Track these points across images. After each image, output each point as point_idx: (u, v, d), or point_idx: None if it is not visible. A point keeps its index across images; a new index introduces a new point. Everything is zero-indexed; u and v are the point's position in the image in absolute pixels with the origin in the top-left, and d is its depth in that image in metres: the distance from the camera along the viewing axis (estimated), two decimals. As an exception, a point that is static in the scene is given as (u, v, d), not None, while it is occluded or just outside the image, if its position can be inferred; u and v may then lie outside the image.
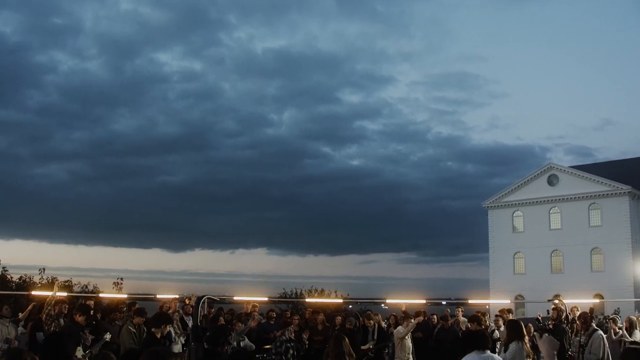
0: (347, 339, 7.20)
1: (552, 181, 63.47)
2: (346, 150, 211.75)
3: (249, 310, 15.36)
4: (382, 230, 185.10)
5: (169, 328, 8.32)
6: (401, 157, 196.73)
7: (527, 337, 10.05)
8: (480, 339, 6.67)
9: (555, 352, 3.51)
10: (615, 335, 13.21)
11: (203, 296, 8.93)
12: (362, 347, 13.10)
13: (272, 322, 14.71)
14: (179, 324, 12.44)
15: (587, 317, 10.76)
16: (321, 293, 37.42)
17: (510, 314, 14.01)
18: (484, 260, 69.70)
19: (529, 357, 9.78)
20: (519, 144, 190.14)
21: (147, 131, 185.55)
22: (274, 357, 10.83)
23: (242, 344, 11.74)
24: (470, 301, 17.27)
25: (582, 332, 10.41)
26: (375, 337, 13.78)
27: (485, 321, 13.82)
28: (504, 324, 13.27)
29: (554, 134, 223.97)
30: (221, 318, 13.20)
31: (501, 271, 65.94)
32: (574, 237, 60.07)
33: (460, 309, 16.40)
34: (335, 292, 38.77)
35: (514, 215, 65.97)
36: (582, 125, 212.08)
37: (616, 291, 51.33)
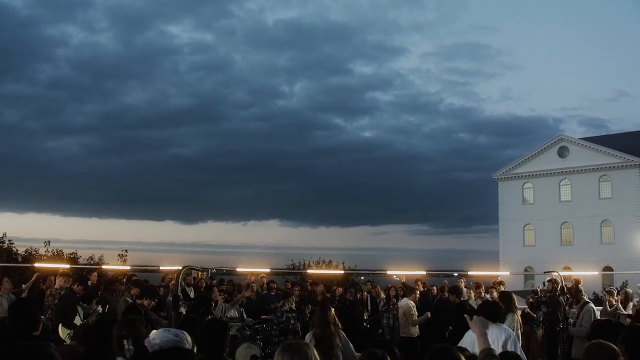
0: (332, 310, 7.20)
1: (562, 153, 63.09)
2: (358, 121, 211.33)
3: (252, 281, 15.58)
4: (394, 202, 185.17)
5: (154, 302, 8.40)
6: (413, 128, 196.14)
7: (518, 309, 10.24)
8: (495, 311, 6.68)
9: (487, 330, 3.58)
10: (610, 307, 13.27)
11: (185, 267, 9.06)
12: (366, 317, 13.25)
13: (272, 293, 14.86)
14: (180, 294, 12.69)
15: (577, 290, 10.82)
16: (329, 264, 37.53)
17: (502, 286, 14.08)
18: (495, 232, 69.75)
19: (520, 329, 9.96)
20: (532, 116, 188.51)
21: (158, 104, 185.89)
22: (274, 327, 10.95)
23: (230, 314, 11.89)
24: (470, 272, 17.29)
25: (574, 305, 10.51)
26: (370, 308, 13.86)
27: (465, 293, 13.91)
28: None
29: (567, 106, 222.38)
30: (215, 289, 13.38)
31: (511, 243, 65.99)
32: (584, 209, 59.87)
33: (462, 280, 16.46)
34: (343, 263, 38.85)
35: (524, 187, 65.77)
36: (596, 97, 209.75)
37: (625, 263, 51.23)
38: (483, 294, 14.72)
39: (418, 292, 13.41)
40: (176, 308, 7.34)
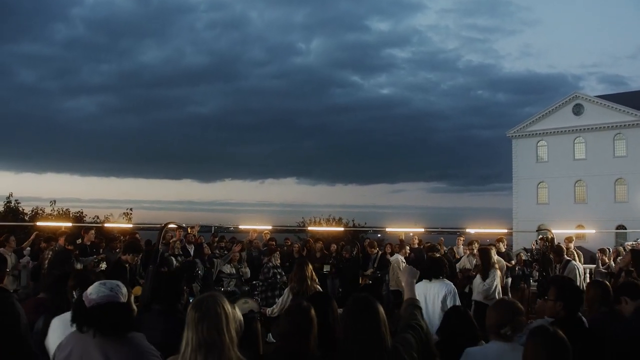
0: (310, 265, 7.38)
1: (577, 110, 62.37)
2: (375, 78, 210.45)
3: (253, 238, 15.88)
4: (412, 160, 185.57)
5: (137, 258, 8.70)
6: (431, 85, 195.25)
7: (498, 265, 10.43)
8: (437, 266, 6.89)
9: (414, 281, 3.70)
10: (602, 266, 13.39)
11: (168, 223, 9.31)
12: (364, 273, 13.73)
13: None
14: (181, 251, 13.01)
15: (560, 249, 10.90)
16: (338, 222, 37.84)
17: (502, 244, 14.25)
18: (512, 191, 69.56)
19: (501, 284, 10.19)
20: (552, 73, 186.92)
21: (175, 62, 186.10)
22: (261, 283, 11.23)
23: (226, 270, 12.22)
24: (469, 230, 17.46)
25: (556, 265, 10.56)
26: (376, 264, 14.10)
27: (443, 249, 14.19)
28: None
29: (587, 62, 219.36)
30: (205, 245, 13.63)
31: (524, 201, 65.85)
32: (598, 168, 59.51)
33: (461, 238, 16.63)
34: (353, 220, 39.16)
35: (538, 144, 65.30)
36: (616, 54, 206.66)
37: (639, 222, 51.02)
38: (476, 251, 14.97)
39: (409, 247, 13.61)
40: (154, 262, 7.57)
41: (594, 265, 14.75)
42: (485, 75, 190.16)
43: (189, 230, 15.29)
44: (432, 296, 6.16)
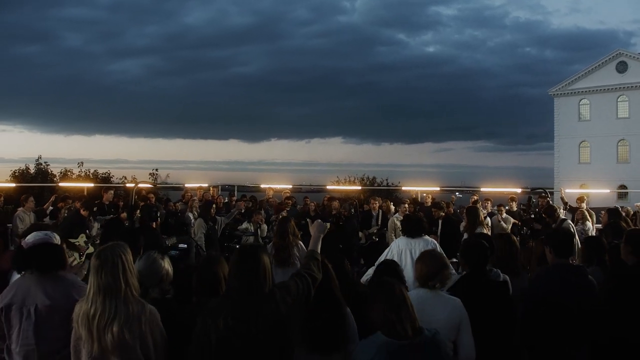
0: (291, 221, 7.79)
1: (621, 68, 60.73)
2: (421, 36, 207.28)
3: (270, 197, 16.41)
4: (458, 118, 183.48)
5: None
6: (477, 43, 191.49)
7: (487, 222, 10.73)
8: (409, 225, 7.29)
9: (321, 235, 4.00)
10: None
11: (137, 183, 9.93)
12: (368, 231, 13.98)
13: (288, 209, 15.54)
14: (199, 209, 13.60)
15: (551, 210, 11.09)
16: (372, 181, 37.88)
17: (514, 202, 14.52)
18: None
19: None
20: (602, 29, 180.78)
21: (219, 23, 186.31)
22: (268, 240, 11.69)
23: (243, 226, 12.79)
24: (483, 189, 17.71)
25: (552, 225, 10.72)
26: (380, 222, 14.41)
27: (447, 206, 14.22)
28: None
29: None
30: (196, 201, 14.08)
31: (566, 160, 64.97)
32: (642, 126, 58.14)
33: (474, 197, 16.82)
34: (387, 180, 39.13)
35: (580, 103, 63.95)
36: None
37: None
38: (490, 209, 15.23)
39: (406, 205, 13.83)
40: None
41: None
42: (533, 32, 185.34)
43: (211, 190, 15.97)
44: (416, 252, 6.57)
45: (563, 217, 13.03)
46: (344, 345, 3.80)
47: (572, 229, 10.98)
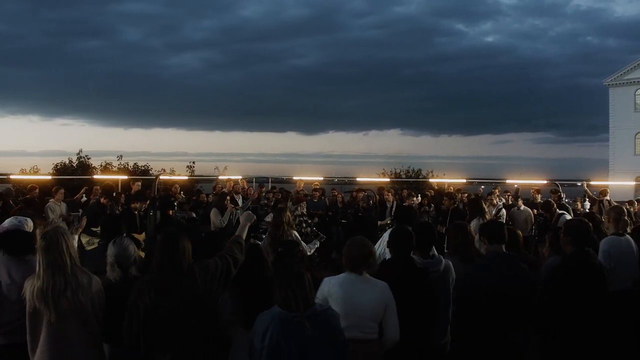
0: (287, 212, 8.16)
1: (679, 57, 58.77)
2: (480, 26, 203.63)
3: (300, 188, 16.80)
4: (517, 109, 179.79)
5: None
6: (538, 32, 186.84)
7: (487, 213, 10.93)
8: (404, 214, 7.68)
9: (248, 224, 4.55)
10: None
11: (159, 174, 10.48)
12: (380, 223, 13.90)
13: (315, 200, 15.91)
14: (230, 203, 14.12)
15: (548, 205, 11.26)
16: (418, 173, 37.76)
17: (538, 194, 14.61)
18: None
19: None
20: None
21: (275, 15, 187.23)
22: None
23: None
24: (509, 181, 17.83)
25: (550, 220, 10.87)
26: (394, 213, 14.59)
27: (460, 197, 14.07)
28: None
29: None
30: (203, 194, 14.50)
31: (621, 152, 63.35)
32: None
33: (497, 189, 16.93)
34: (444, 174, 38.78)
35: (637, 93, 62.14)
36: None
37: None
38: (510, 201, 15.39)
39: (415, 198, 14.04)
40: (153, 207, 8.92)
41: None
42: (595, 21, 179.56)
43: (239, 181, 16.50)
44: None
45: (581, 208, 13.14)
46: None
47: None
